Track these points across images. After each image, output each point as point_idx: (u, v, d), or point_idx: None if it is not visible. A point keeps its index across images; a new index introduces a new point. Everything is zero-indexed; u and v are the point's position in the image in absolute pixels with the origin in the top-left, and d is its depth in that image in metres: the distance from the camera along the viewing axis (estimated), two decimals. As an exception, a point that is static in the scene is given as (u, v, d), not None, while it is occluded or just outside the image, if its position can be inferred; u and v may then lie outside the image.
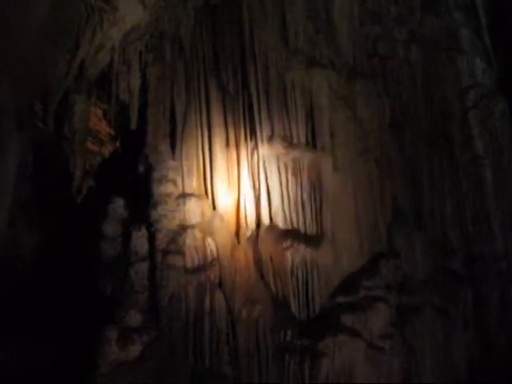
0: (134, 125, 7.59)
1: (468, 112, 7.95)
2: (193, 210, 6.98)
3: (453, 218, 7.59)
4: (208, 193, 7.18)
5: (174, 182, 7.14)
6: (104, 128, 8.71)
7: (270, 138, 7.06)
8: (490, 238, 7.58)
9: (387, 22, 8.01)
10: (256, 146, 7.07)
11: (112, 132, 8.73)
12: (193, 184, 7.20)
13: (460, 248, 7.49)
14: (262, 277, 6.72)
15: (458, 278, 7.29)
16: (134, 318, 6.53)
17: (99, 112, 8.58)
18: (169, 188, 7.08)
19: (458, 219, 7.61)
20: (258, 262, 6.76)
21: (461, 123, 7.92)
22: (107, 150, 8.73)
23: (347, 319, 6.54)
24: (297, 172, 6.96)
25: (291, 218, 6.86)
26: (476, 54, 8.20)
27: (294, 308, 6.63)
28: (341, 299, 6.69)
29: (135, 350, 6.36)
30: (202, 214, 6.98)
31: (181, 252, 6.78)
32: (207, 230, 6.89)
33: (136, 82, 7.58)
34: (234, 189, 7.12)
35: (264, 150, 7.01)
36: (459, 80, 8.05)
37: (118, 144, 8.59)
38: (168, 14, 7.46)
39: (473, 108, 7.95)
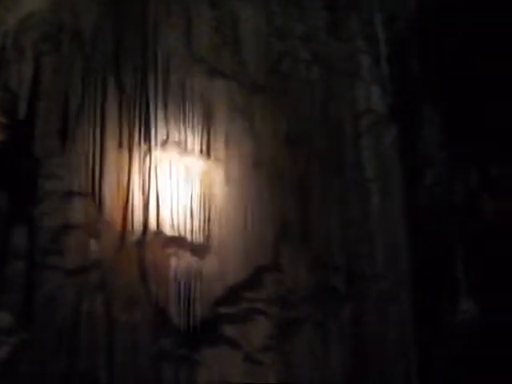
0: (22, 115, 7.22)
1: (361, 136, 8.24)
2: (78, 210, 6.75)
3: (338, 236, 7.79)
4: (95, 193, 6.95)
5: (61, 179, 6.88)
6: (-7, 116, 8.27)
7: (164, 143, 6.98)
8: (372, 258, 7.86)
9: (293, 41, 8.17)
10: (149, 150, 6.96)
11: (3, 121, 8.29)
12: (80, 183, 6.95)
13: (343, 266, 7.71)
14: (145, 283, 6.62)
15: (339, 295, 7.51)
16: (5, 319, 6.24)
17: (-11, 99, 8.13)
18: (54, 185, 6.81)
19: (343, 238, 7.82)
20: (142, 267, 6.65)
21: (353, 146, 8.20)
22: (-4, 139, 8.29)
23: (227, 330, 6.59)
24: (188, 179, 6.95)
25: (179, 226, 6.82)
26: (373, 81, 8.54)
27: (174, 316, 6.58)
28: (222, 310, 6.73)
29: (3, 352, 6.09)
30: (87, 215, 6.77)
31: (62, 252, 6.56)
32: (91, 232, 6.70)
33: (28, 71, 7.19)
34: (123, 191, 6.94)
35: (157, 154, 6.93)
36: (355, 104, 8.31)
37: (5, 134, 8.17)
38: (69, 5, 7.19)
39: (365, 132, 8.25)
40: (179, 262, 6.64)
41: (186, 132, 7.09)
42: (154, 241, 6.69)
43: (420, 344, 7.87)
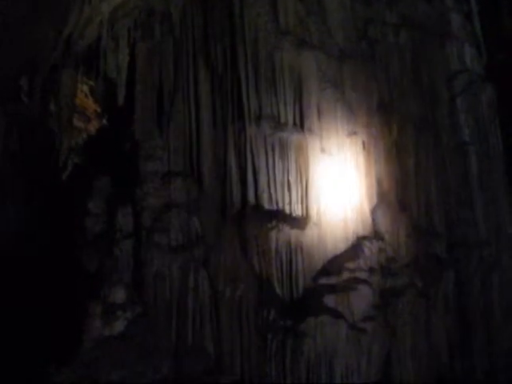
0: (121, 102, 7.50)
1: (456, 98, 7.94)
2: (179, 189, 6.99)
3: (437, 202, 7.60)
4: (194, 171, 7.16)
5: (161, 160, 7.14)
6: (91, 105, 8.64)
7: (258, 118, 7.01)
8: (473, 224, 7.63)
9: (378, 5, 7.96)
10: (243, 126, 7.02)
11: (98, 109, 8.66)
12: (179, 162, 7.19)
13: (443, 233, 7.53)
14: (247, 256, 6.75)
15: (441, 263, 7.36)
16: (119, 295, 6.56)
17: (86, 88, 8.49)
18: (155, 166, 7.08)
19: (442, 204, 7.63)
20: (243, 241, 6.78)
21: (448, 108, 7.92)
22: (93, 126, 8.67)
23: (330, 300, 6.58)
24: (283, 153, 6.95)
25: (277, 199, 6.86)
26: (465, 40, 8.19)
27: (277, 288, 6.66)
28: (324, 280, 6.72)
29: (119, 325, 6.42)
30: (188, 193, 7.00)
31: (166, 230, 6.81)
32: (193, 209, 6.91)
33: (124, 59, 7.49)
34: (221, 168, 7.09)
35: (251, 130, 6.97)
36: (448, 65, 8.03)
37: (104, 121, 8.53)
38: (158, -10, 7.37)
39: (461, 94, 7.94)
40: (279, 235, 6.67)
41: (278, 106, 7.08)
42: (254, 215, 6.79)
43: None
